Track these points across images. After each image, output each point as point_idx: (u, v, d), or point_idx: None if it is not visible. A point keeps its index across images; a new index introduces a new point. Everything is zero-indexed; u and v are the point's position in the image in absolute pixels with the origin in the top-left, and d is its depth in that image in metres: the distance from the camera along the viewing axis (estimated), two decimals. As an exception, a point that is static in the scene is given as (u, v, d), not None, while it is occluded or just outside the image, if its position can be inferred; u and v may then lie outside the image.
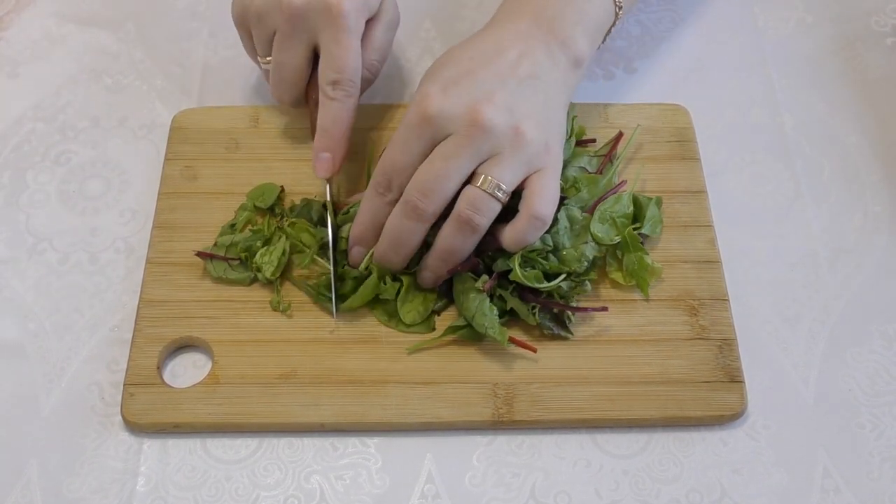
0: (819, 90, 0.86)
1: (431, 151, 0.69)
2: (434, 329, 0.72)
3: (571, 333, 0.71)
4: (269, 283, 0.73)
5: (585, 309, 0.71)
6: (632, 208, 0.75)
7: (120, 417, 0.69)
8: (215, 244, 0.75)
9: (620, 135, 0.80)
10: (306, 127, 0.81)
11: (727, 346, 0.71)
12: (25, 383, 0.71)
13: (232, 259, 0.74)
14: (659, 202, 0.76)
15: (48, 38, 0.90)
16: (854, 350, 0.73)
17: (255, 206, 0.77)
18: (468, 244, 0.69)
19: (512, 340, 0.70)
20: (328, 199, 0.76)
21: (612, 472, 0.68)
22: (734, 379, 0.70)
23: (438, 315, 0.72)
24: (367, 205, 0.71)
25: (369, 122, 0.82)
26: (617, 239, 0.73)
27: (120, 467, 0.68)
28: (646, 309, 0.73)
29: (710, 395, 0.69)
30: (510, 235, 0.69)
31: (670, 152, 0.80)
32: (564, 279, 0.71)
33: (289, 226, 0.75)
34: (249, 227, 0.76)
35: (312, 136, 0.76)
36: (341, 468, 0.68)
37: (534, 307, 0.70)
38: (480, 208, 0.68)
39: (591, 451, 0.68)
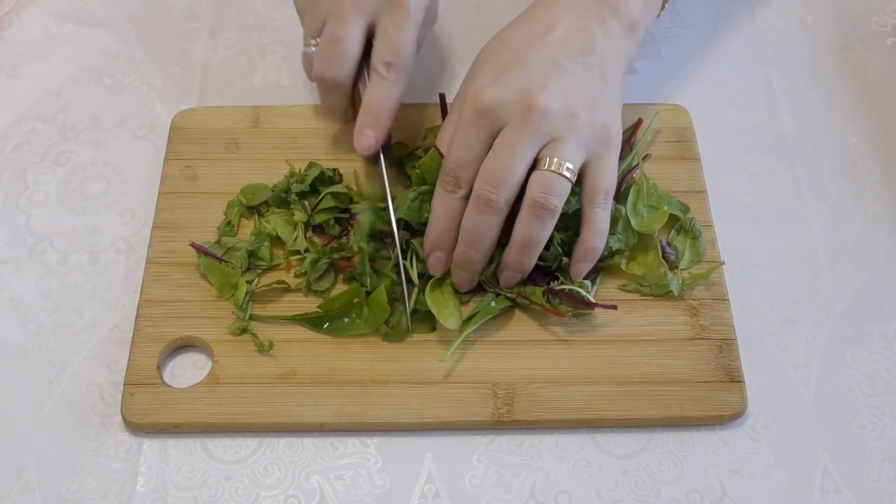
0: (819, 90, 0.86)
1: (491, 141, 0.69)
2: (435, 329, 0.72)
3: (591, 309, 0.71)
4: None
5: (596, 304, 0.71)
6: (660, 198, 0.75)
7: (120, 417, 0.69)
8: (218, 241, 0.75)
9: (640, 121, 0.80)
10: (307, 126, 0.81)
11: (727, 346, 0.71)
12: (25, 383, 0.71)
13: (225, 262, 0.74)
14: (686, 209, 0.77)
15: (48, 38, 0.90)
16: (854, 350, 0.73)
17: (241, 203, 0.77)
18: (546, 229, 0.69)
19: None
20: (385, 182, 0.75)
21: (612, 472, 0.68)
22: (734, 379, 0.70)
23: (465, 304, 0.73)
24: (439, 206, 0.71)
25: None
26: (661, 224, 0.74)
27: (120, 467, 0.68)
28: (646, 309, 0.73)
29: (710, 395, 0.69)
30: (588, 237, 0.71)
31: (670, 152, 0.80)
32: None
33: (266, 221, 0.76)
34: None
35: (353, 115, 0.77)
36: (341, 468, 0.68)
37: (545, 293, 0.71)
38: (553, 189, 0.68)
39: (591, 451, 0.68)
